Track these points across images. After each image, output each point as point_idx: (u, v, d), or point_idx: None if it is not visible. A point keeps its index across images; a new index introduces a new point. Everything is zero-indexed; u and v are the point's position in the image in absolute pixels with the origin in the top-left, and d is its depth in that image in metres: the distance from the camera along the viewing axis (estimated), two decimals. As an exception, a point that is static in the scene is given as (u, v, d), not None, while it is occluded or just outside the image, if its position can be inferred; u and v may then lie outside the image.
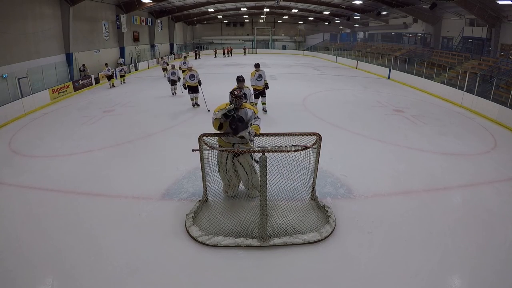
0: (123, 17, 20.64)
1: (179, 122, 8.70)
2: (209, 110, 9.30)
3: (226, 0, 27.01)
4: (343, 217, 4.16)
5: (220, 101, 4.64)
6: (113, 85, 15.31)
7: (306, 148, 3.99)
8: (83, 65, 16.47)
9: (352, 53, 26.68)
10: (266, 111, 9.44)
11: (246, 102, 6.90)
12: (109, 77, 15.30)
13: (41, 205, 4.56)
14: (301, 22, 40.85)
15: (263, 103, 9.41)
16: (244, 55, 35.73)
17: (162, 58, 22.14)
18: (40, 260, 3.44)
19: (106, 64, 15.52)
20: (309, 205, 4.36)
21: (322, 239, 3.73)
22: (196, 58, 31.51)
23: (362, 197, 4.75)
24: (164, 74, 17.61)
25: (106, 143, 7.03)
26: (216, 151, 4.20)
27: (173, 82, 12.39)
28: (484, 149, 6.90)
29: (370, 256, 3.52)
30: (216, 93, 10.21)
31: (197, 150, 3.90)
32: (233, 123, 3.91)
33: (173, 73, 12.40)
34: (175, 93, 12.46)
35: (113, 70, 16.24)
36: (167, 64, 18.13)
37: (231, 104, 4.13)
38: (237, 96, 4.11)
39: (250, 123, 4.08)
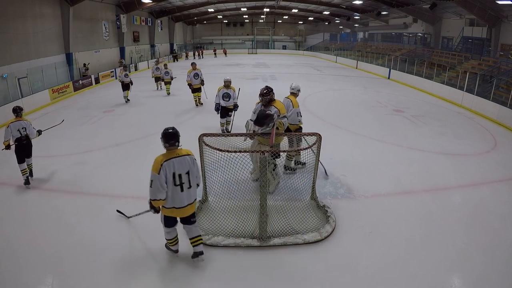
0: (123, 17, 20.62)
1: (179, 122, 8.68)
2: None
3: (226, 0, 27.01)
4: (343, 217, 4.16)
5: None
6: (128, 99, 11.36)
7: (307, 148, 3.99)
8: (84, 64, 16.45)
9: (352, 53, 26.69)
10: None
11: (228, 101, 7.14)
12: (126, 86, 11.16)
13: (41, 205, 4.56)
14: (301, 22, 40.87)
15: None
16: (215, 56, 33.62)
17: (157, 61, 16.29)
18: (40, 260, 3.44)
19: (125, 67, 11.46)
20: (309, 205, 4.36)
21: (322, 239, 3.73)
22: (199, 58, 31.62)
23: (362, 197, 4.74)
24: (157, 86, 13.50)
25: (106, 143, 7.03)
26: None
27: (157, 79, 13.24)
28: (484, 149, 6.90)
29: (370, 256, 3.52)
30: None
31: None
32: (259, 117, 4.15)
33: (157, 69, 13.09)
34: (161, 88, 13.53)
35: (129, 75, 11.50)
36: (161, 71, 12.93)
37: (261, 101, 4.54)
38: (262, 94, 4.48)
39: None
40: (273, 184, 4.70)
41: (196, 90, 10.10)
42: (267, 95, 4.45)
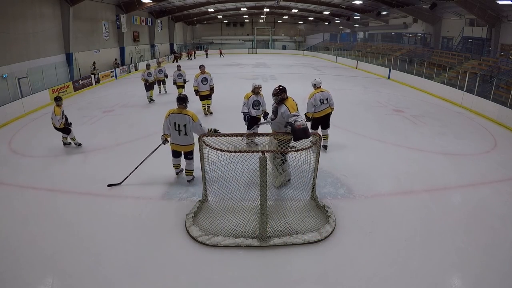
0: (123, 17, 20.63)
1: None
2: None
3: (226, 0, 27.01)
4: (343, 217, 4.16)
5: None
6: (153, 99, 11.29)
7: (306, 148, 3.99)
8: (94, 63, 16.56)
9: (352, 53, 26.68)
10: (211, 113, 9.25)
11: (258, 109, 6.33)
12: (150, 86, 11.10)
13: (41, 205, 4.56)
14: (301, 22, 40.88)
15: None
16: (206, 57, 32.14)
17: (158, 63, 12.98)
18: (40, 260, 3.44)
19: (148, 66, 11.30)
20: (309, 205, 4.36)
21: (322, 239, 3.73)
22: (189, 59, 31.03)
23: (362, 197, 4.75)
24: (160, 89, 12.29)
25: (106, 143, 7.03)
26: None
27: (159, 82, 12.06)
28: (484, 149, 6.89)
29: (370, 256, 3.52)
30: (222, 93, 10.21)
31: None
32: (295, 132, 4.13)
33: (160, 71, 11.80)
34: (165, 91, 12.57)
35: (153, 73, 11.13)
36: (174, 74, 10.85)
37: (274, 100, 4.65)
38: (273, 93, 4.61)
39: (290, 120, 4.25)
40: (279, 179, 4.74)
41: (204, 97, 8.82)
42: (278, 94, 4.56)
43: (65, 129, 6.69)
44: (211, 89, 8.79)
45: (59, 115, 6.49)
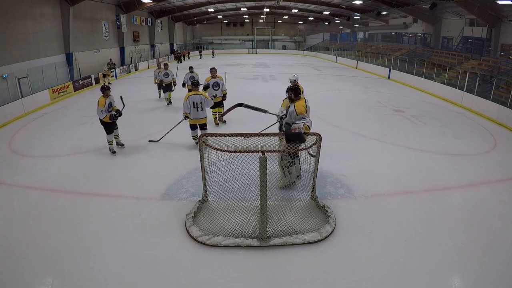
0: (123, 17, 20.62)
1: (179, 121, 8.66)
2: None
3: (226, 0, 27.01)
4: (343, 217, 4.16)
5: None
6: (170, 101, 10.71)
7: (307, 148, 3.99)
8: (108, 63, 16.79)
9: (352, 53, 26.68)
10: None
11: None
12: (167, 87, 10.58)
13: (41, 205, 4.56)
14: (301, 22, 40.86)
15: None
16: (200, 58, 31.52)
17: (165, 66, 10.86)
18: (40, 260, 3.44)
19: (165, 65, 10.55)
20: (309, 205, 4.36)
21: (322, 239, 3.73)
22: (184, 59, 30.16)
23: (362, 197, 4.75)
24: (160, 93, 11.23)
25: (106, 143, 7.02)
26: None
27: (160, 85, 10.73)
28: (484, 149, 6.90)
29: (370, 256, 3.52)
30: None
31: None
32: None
33: (165, 74, 10.57)
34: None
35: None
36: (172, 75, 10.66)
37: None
38: (286, 91, 4.87)
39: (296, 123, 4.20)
40: (283, 181, 4.75)
41: (215, 104, 7.66)
42: (286, 92, 4.79)
43: (108, 125, 5.95)
44: (224, 96, 7.82)
45: (102, 106, 5.72)
